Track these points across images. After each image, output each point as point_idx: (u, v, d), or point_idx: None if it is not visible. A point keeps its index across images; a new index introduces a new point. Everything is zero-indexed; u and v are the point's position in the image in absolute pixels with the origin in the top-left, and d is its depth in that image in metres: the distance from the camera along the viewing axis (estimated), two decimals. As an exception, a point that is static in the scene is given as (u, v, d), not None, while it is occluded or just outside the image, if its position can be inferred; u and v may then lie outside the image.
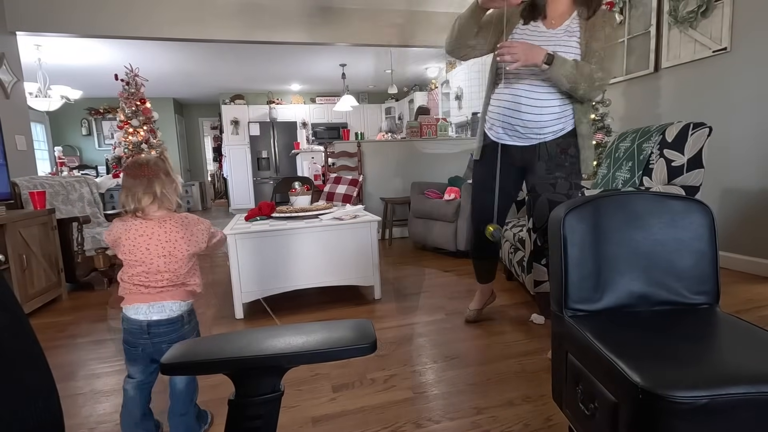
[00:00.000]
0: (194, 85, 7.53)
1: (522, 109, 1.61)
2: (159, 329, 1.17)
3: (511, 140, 1.69)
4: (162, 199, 1.19)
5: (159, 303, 1.17)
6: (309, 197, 2.95)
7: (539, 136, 1.64)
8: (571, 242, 1.03)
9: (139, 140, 5.70)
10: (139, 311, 1.16)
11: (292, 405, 1.48)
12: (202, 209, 9.10)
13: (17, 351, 0.49)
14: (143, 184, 1.17)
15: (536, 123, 1.61)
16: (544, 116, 1.60)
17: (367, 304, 2.50)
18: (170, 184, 1.21)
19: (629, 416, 0.76)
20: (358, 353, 0.55)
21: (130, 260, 1.17)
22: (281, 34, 4.29)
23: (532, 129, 1.63)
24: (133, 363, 1.21)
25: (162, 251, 1.17)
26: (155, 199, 1.18)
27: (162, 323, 1.17)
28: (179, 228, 1.20)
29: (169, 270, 1.17)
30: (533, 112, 1.60)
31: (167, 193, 1.20)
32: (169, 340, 1.17)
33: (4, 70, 3.53)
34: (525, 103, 1.60)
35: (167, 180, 1.21)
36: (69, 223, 3.03)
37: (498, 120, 1.69)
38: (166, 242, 1.17)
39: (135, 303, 1.16)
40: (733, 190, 2.86)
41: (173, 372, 0.54)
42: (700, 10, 2.93)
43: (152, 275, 1.16)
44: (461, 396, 1.49)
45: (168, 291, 1.18)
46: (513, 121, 1.63)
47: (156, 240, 1.17)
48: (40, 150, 7.23)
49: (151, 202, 1.18)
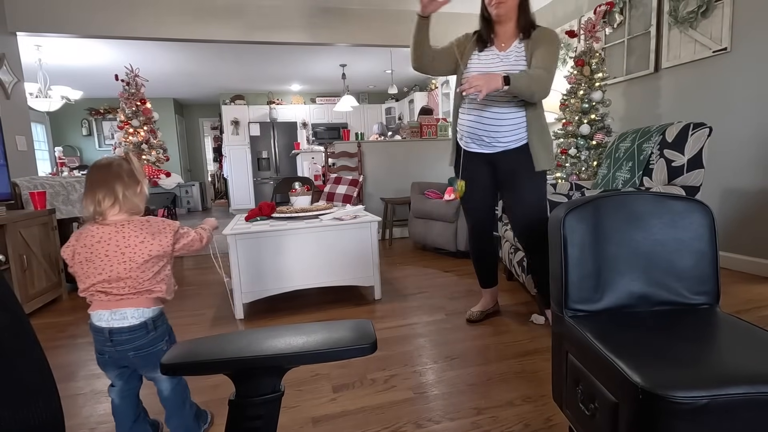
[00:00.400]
0: (194, 86, 7.53)
1: (484, 122, 1.86)
2: (121, 337, 1.11)
3: (479, 148, 1.93)
4: (124, 202, 1.12)
5: (121, 310, 1.11)
6: (309, 197, 2.95)
7: (501, 144, 1.87)
8: (571, 242, 1.03)
9: (139, 140, 5.71)
10: (101, 318, 1.11)
11: (292, 405, 1.48)
12: (203, 209, 9.10)
13: (17, 351, 0.49)
14: (104, 187, 1.11)
15: (498, 133, 1.85)
16: (504, 127, 1.84)
17: (368, 305, 2.50)
18: (133, 186, 1.14)
19: (629, 416, 0.76)
20: (359, 353, 0.55)
21: (88, 271, 1.10)
22: (281, 34, 4.29)
23: (495, 138, 1.87)
24: (105, 369, 1.18)
25: (122, 257, 1.10)
26: (116, 202, 1.11)
27: (124, 331, 1.11)
28: (139, 232, 1.12)
29: (130, 277, 1.11)
30: (494, 125, 1.85)
31: (129, 196, 1.13)
32: (133, 347, 1.13)
33: (4, 71, 3.53)
34: (487, 116, 1.85)
35: (130, 182, 1.14)
36: (69, 224, 3.04)
37: (467, 132, 1.93)
38: (125, 247, 1.10)
39: (97, 310, 1.12)
40: (733, 190, 2.86)
41: (173, 372, 0.54)
42: (700, 10, 2.93)
43: (113, 282, 1.10)
44: (461, 396, 1.49)
45: (130, 298, 1.12)
46: (480, 133, 1.88)
47: (114, 246, 1.10)
48: (40, 150, 7.24)
49: (111, 204, 1.11)
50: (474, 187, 1.99)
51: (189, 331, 2.23)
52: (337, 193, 3.96)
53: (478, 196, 2.01)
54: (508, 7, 1.75)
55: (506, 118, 1.83)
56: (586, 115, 3.32)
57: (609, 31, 3.71)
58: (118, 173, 1.13)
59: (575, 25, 4.02)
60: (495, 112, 1.83)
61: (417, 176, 4.70)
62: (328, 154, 4.57)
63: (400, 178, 4.69)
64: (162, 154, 6.05)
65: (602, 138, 3.26)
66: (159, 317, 1.18)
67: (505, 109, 1.82)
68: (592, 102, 3.29)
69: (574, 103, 3.35)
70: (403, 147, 4.72)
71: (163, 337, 1.19)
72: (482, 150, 1.92)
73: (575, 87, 3.39)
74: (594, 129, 3.29)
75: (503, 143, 1.86)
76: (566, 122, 3.43)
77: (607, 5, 3.64)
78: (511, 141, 1.86)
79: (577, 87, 3.36)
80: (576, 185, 2.57)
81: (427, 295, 2.65)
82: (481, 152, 1.93)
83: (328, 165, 4.60)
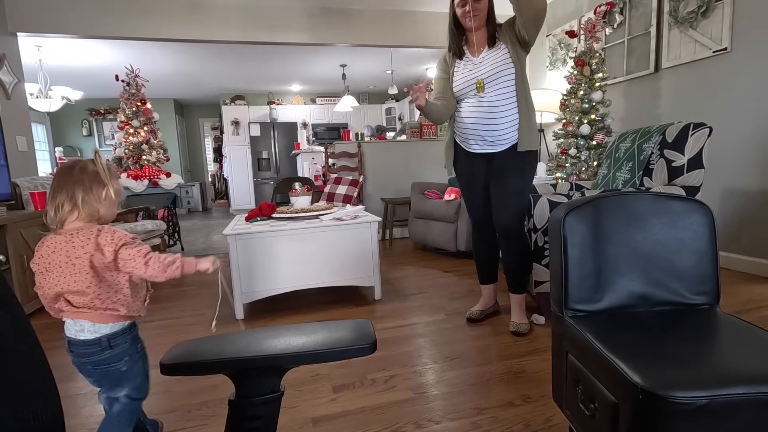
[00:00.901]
0: (195, 86, 7.53)
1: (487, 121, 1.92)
2: (78, 349, 1.05)
3: (481, 148, 1.98)
4: (83, 208, 1.03)
5: (80, 322, 1.04)
6: (309, 198, 2.95)
7: (503, 142, 1.93)
8: (571, 242, 1.03)
9: (139, 141, 5.71)
10: (66, 327, 1.06)
11: (292, 405, 1.48)
12: (203, 210, 9.10)
13: (18, 351, 0.49)
14: (64, 192, 1.02)
15: (499, 131, 1.92)
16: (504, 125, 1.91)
17: (368, 305, 2.50)
18: (96, 191, 1.04)
19: (629, 416, 0.76)
20: (359, 353, 0.55)
21: (45, 282, 1.02)
22: (281, 34, 4.29)
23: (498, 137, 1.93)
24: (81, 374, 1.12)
25: (72, 269, 1.01)
26: (74, 208, 1.03)
27: (79, 343, 1.05)
28: (86, 242, 1.01)
29: (82, 290, 1.01)
30: (496, 123, 1.91)
31: (90, 201, 1.03)
32: (89, 362, 1.05)
33: (4, 71, 3.54)
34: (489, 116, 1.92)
35: (93, 186, 1.04)
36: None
37: (470, 132, 1.98)
38: (75, 258, 1.00)
39: (65, 318, 1.06)
40: (733, 190, 2.86)
41: (173, 373, 0.54)
42: (700, 10, 2.93)
43: (71, 294, 1.03)
44: (462, 396, 1.49)
45: (85, 312, 1.03)
46: (482, 133, 1.94)
47: (65, 256, 1.00)
48: (40, 151, 7.24)
49: (70, 210, 1.03)
50: (475, 185, 2.05)
51: (189, 331, 2.23)
52: (337, 193, 3.96)
53: (480, 195, 2.06)
54: (482, 18, 1.88)
55: (504, 117, 1.90)
56: (586, 116, 3.32)
57: (609, 31, 3.71)
58: (79, 177, 1.03)
59: (575, 26, 4.02)
60: (493, 112, 1.89)
61: (417, 176, 4.70)
62: (328, 155, 4.57)
63: (400, 179, 4.69)
64: (162, 154, 6.06)
65: (602, 138, 3.26)
66: (118, 336, 1.07)
67: (502, 109, 1.89)
68: (592, 102, 3.29)
69: (574, 104, 3.35)
70: (404, 147, 4.72)
71: (122, 357, 1.08)
72: (483, 150, 1.98)
73: (575, 87, 3.39)
74: (594, 129, 3.29)
75: (505, 141, 1.93)
76: (566, 122, 3.43)
77: (607, 5, 3.64)
78: (512, 138, 1.93)
79: (577, 87, 3.36)
80: (576, 185, 2.57)
81: (427, 295, 2.65)
82: (482, 152, 1.99)
83: (328, 165, 4.60)
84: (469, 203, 2.12)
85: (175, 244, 4.60)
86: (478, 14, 1.85)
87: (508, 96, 1.89)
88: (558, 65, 4.40)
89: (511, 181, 1.94)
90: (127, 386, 1.10)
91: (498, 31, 1.92)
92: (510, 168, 1.94)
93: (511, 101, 1.89)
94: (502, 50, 1.89)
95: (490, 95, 1.89)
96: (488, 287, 2.21)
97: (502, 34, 1.91)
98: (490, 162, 2.00)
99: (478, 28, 1.91)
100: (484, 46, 1.94)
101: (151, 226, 3.63)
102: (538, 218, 2.08)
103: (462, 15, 1.88)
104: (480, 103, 1.91)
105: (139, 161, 5.78)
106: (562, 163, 3.46)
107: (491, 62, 1.90)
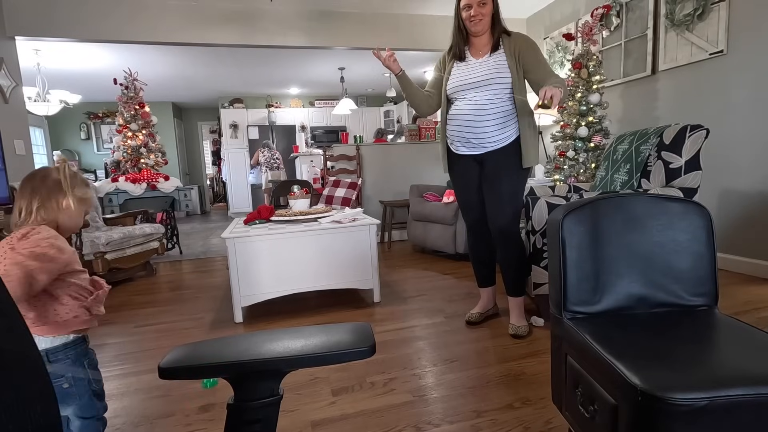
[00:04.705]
0: (193, 89, 7.54)
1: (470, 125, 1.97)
2: None
3: (468, 150, 2.02)
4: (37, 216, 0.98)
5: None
6: (308, 200, 2.95)
7: (488, 144, 1.96)
8: (570, 244, 1.03)
9: (138, 144, 5.70)
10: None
11: (291, 409, 1.47)
12: (201, 213, 9.10)
13: (15, 355, 0.49)
14: (24, 199, 0.99)
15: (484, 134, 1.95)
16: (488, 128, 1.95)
17: (367, 308, 2.50)
18: (55, 199, 0.99)
19: (629, 418, 0.76)
20: (358, 356, 0.55)
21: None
22: (280, 38, 4.30)
23: (483, 139, 1.97)
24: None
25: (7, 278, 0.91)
26: (29, 214, 0.98)
27: None
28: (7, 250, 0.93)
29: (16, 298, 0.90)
30: (480, 127, 1.95)
31: (47, 209, 0.99)
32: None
33: (3, 75, 3.53)
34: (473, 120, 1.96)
35: (52, 194, 0.99)
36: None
37: (457, 136, 2.03)
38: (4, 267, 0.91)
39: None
40: (730, 191, 2.86)
41: (172, 377, 0.54)
42: (696, 13, 2.94)
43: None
44: (461, 399, 1.49)
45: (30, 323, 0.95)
46: (467, 135, 1.98)
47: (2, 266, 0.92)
48: (38, 154, 7.23)
49: (26, 218, 0.99)
50: (468, 188, 2.08)
51: (188, 334, 2.23)
52: (335, 196, 3.96)
53: (473, 197, 2.08)
54: (486, 23, 1.92)
55: (490, 121, 1.93)
56: (583, 118, 3.33)
57: (606, 34, 3.72)
58: (38, 185, 1.00)
59: (572, 28, 4.04)
60: (479, 115, 1.94)
61: (416, 179, 4.70)
62: (326, 157, 4.57)
63: (398, 181, 4.69)
64: (161, 157, 6.04)
65: (600, 140, 3.27)
66: (59, 351, 0.99)
67: (489, 112, 1.93)
68: (589, 104, 3.30)
69: (572, 106, 3.36)
70: (402, 150, 4.73)
71: (62, 373, 0.98)
72: (471, 152, 2.02)
73: (573, 89, 3.40)
74: (592, 131, 3.30)
75: (490, 143, 1.96)
76: (564, 125, 3.44)
77: (604, 8, 3.66)
78: (497, 141, 1.95)
79: (575, 89, 3.37)
80: (574, 187, 2.58)
81: (426, 297, 2.64)
82: (470, 154, 2.02)
83: (326, 168, 4.60)
84: (464, 206, 2.14)
85: (174, 248, 4.59)
86: (482, 19, 1.89)
87: (497, 101, 1.91)
88: (555, 68, 4.41)
89: (504, 183, 1.96)
90: (72, 404, 1.01)
91: (504, 39, 1.94)
92: (502, 170, 1.96)
93: (498, 106, 1.91)
94: (501, 57, 1.92)
95: (479, 99, 1.92)
96: (487, 290, 2.21)
97: (508, 43, 1.93)
98: (482, 164, 2.02)
99: (481, 33, 1.94)
100: (487, 51, 1.97)
101: (149, 229, 3.62)
102: (536, 220, 2.08)
103: (466, 19, 1.91)
104: (468, 105, 1.95)
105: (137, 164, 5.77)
106: (560, 165, 3.47)
107: (487, 66, 1.93)
